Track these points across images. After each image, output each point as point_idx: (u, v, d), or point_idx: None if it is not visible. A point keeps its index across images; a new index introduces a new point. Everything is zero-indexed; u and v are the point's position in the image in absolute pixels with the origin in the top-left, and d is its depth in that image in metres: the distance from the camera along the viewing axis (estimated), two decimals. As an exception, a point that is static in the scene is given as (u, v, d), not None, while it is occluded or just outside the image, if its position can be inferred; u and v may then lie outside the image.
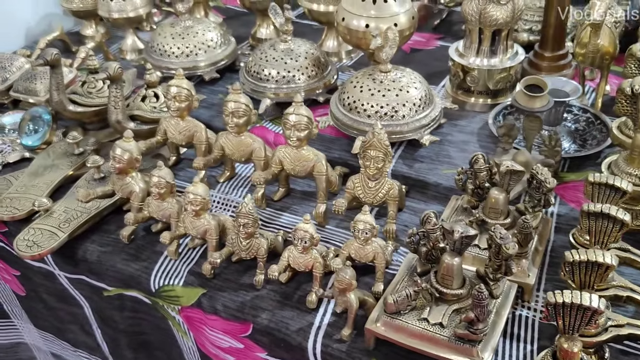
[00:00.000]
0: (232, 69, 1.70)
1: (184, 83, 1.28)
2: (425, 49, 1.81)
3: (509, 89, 1.50)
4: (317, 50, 1.53)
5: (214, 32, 1.65)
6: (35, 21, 1.88)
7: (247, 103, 1.23)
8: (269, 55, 1.50)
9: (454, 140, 1.39)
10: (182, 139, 1.32)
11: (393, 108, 1.31)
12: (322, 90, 1.52)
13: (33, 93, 1.55)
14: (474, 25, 1.43)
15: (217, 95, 1.61)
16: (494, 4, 1.39)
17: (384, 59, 1.33)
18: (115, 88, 1.32)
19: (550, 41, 1.56)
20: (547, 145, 1.18)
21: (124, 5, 1.71)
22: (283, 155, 1.21)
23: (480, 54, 1.46)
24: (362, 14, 1.42)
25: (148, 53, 1.66)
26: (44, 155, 1.41)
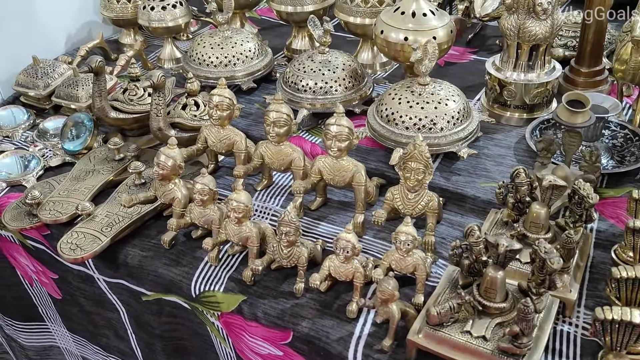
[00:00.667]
0: (269, 79, 1.72)
1: (226, 92, 1.30)
2: (460, 62, 1.81)
3: (545, 103, 1.50)
4: (354, 62, 1.55)
5: (251, 42, 1.68)
6: (75, 29, 1.92)
7: (289, 113, 1.24)
8: (306, 66, 1.52)
9: (490, 154, 1.40)
10: (222, 147, 1.34)
11: (431, 120, 1.32)
12: (358, 101, 1.53)
13: (75, 99, 1.58)
14: (512, 40, 1.44)
15: (254, 105, 1.63)
16: (534, 19, 1.39)
17: (423, 71, 1.34)
18: (157, 96, 1.35)
19: (587, 57, 1.56)
20: (588, 161, 1.18)
21: (163, 15, 1.74)
22: (323, 165, 1.23)
23: (517, 68, 1.46)
24: (400, 27, 1.44)
25: (187, 62, 1.69)
26: (85, 161, 1.43)
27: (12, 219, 1.31)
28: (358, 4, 1.64)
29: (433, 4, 1.93)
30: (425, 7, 1.46)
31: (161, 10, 1.74)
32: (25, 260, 1.43)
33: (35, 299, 1.53)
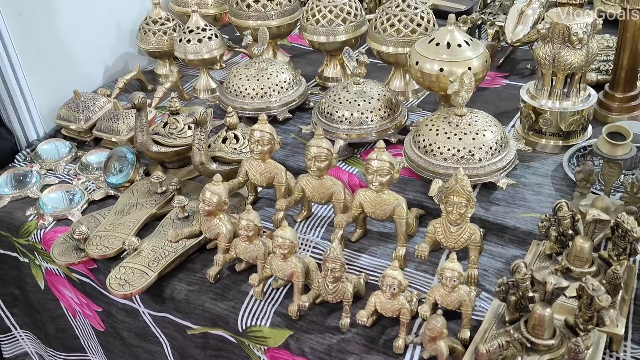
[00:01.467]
0: (303, 109, 1.75)
1: (267, 127, 1.32)
2: (492, 87, 1.83)
3: (580, 130, 1.50)
4: (388, 92, 1.57)
5: (286, 73, 1.71)
6: (112, 61, 1.97)
7: (329, 148, 1.27)
8: (342, 96, 1.55)
9: (528, 183, 1.40)
10: (263, 180, 1.36)
11: (470, 152, 1.33)
12: (393, 131, 1.55)
13: (115, 132, 1.62)
14: (547, 68, 1.45)
15: (290, 135, 1.66)
16: (569, 48, 1.40)
17: (460, 103, 1.35)
18: (200, 131, 1.38)
19: (622, 82, 1.56)
20: (629, 192, 1.18)
21: (199, 47, 1.78)
22: (364, 198, 1.25)
23: (552, 96, 1.47)
24: (435, 57, 1.46)
25: (223, 93, 1.72)
26: (128, 194, 1.47)
27: (60, 253, 1.34)
28: (391, 34, 1.67)
29: (463, 29, 1.97)
30: (460, 37, 1.47)
31: (197, 42, 1.78)
32: (70, 292, 1.46)
33: (77, 330, 1.56)
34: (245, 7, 1.85)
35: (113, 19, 1.95)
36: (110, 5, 1.92)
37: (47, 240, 1.41)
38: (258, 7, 1.84)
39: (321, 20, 1.76)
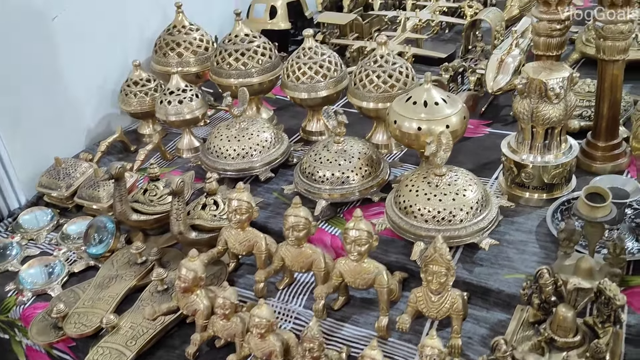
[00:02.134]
0: (286, 165, 1.74)
1: (245, 196, 1.31)
2: (475, 136, 1.82)
3: (564, 183, 1.49)
4: (369, 149, 1.56)
5: (267, 132, 1.70)
6: (95, 123, 1.97)
7: (307, 216, 1.25)
8: (322, 156, 1.53)
9: (512, 240, 1.38)
10: (243, 249, 1.34)
11: (450, 213, 1.31)
12: (376, 189, 1.54)
13: (96, 200, 1.61)
14: (526, 123, 1.44)
15: (272, 194, 1.64)
16: (546, 103, 1.39)
17: (439, 163, 1.34)
18: (177, 201, 1.36)
19: (603, 132, 1.55)
20: (612, 253, 1.16)
21: (180, 108, 1.77)
22: (343, 267, 1.22)
23: (533, 149, 1.46)
24: (413, 117, 1.45)
25: (204, 154, 1.71)
26: (108, 266, 1.45)
27: (39, 332, 1.32)
28: (370, 90, 1.66)
29: (445, 77, 1.97)
30: (437, 95, 1.47)
31: (178, 104, 1.77)
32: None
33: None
34: (226, 65, 1.85)
35: (94, 82, 1.95)
36: (91, 67, 1.92)
37: (26, 316, 1.39)
38: (238, 66, 1.84)
39: (301, 77, 1.76)
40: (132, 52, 2.03)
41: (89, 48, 1.89)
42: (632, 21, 1.41)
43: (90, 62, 1.91)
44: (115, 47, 2.00)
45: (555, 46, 1.51)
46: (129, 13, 2.03)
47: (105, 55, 1.97)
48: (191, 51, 1.98)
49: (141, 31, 2.08)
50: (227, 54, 1.84)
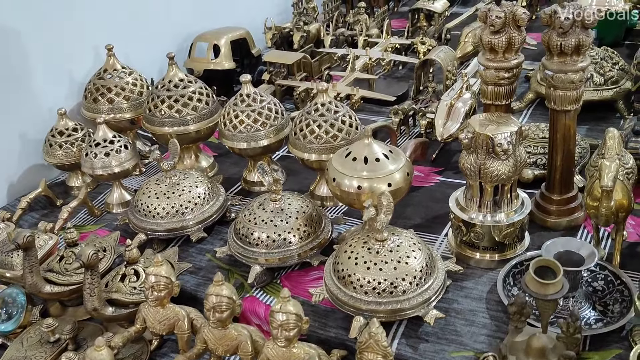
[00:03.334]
0: (222, 222, 1.61)
1: (163, 270, 1.18)
2: (425, 186, 1.71)
3: (517, 241, 1.38)
4: (309, 207, 1.44)
5: (201, 186, 1.57)
6: (18, 175, 1.82)
7: (230, 295, 1.12)
8: (257, 216, 1.41)
9: (460, 310, 1.27)
10: (163, 329, 1.21)
11: (392, 284, 1.20)
12: (316, 251, 1.42)
13: (9, 267, 1.45)
14: (473, 179, 1.34)
15: (205, 256, 1.51)
16: (494, 158, 1.29)
17: (379, 228, 1.22)
18: (90, 275, 1.23)
19: (558, 184, 1.46)
20: (566, 332, 1.06)
21: (108, 161, 1.64)
22: (271, 353, 1.10)
23: (482, 207, 1.35)
24: (353, 174, 1.34)
25: (132, 211, 1.57)
26: (17, 345, 1.30)
27: None
28: (311, 141, 1.55)
29: (395, 120, 1.87)
30: (379, 150, 1.36)
31: (104, 156, 1.64)
32: None
33: None
34: (159, 113, 1.72)
35: (17, 130, 1.81)
36: (15, 114, 1.78)
37: None
38: (172, 113, 1.71)
39: (239, 126, 1.64)
40: (61, 98, 1.89)
41: (12, 93, 1.75)
42: (583, 70, 1.33)
43: (15, 108, 1.77)
44: (42, 93, 1.86)
45: (504, 95, 1.42)
46: (57, 55, 1.89)
47: (31, 102, 1.82)
48: (123, 96, 1.84)
49: (71, 75, 1.95)
50: (160, 101, 1.72)
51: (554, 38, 1.30)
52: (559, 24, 1.28)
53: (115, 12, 2.05)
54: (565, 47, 1.30)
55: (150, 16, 2.19)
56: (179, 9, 2.31)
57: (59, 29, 1.89)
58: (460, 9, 3.02)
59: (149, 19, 2.18)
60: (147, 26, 2.17)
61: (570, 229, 1.47)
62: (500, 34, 1.35)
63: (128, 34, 2.07)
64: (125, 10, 2.09)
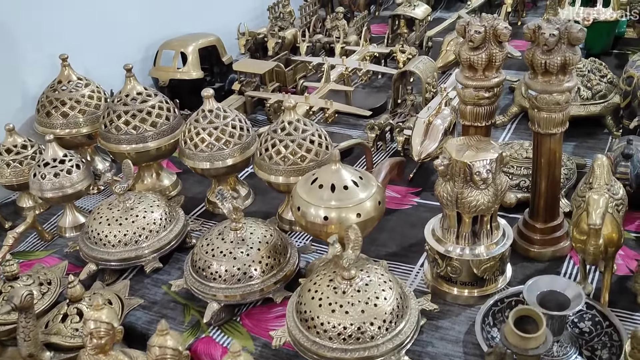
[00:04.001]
0: (183, 248, 1.49)
1: (104, 315, 1.05)
2: (401, 209, 1.60)
3: (498, 275, 1.28)
4: (274, 235, 1.33)
5: (158, 211, 1.45)
6: (-38, 197, 1.69)
7: (176, 347, 1.00)
8: (216, 247, 1.29)
9: (435, 355, 1.16)
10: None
11: (359, 329, 1.08)
12: (280, 285, 1.30)
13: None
14: (450, 209, 1.22)
15: (161, 289, 1.39)
16: (472, 188, 1.18)
17: (346, 266, 1.11)
18: (25, 318, 1.10)
19: (542, 212, 1.35)
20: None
21: (58, 182, 1.51)
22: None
23: (460, 239, 1.24)
24: (319, 204, 1.22)
25: (82, 239, 1.45)
26: (-56, 394, 1.17)
27: None
28: (277, 162, 1.43)
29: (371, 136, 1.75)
30: (347, 177, 1.24)
31: (54, 177, 1.51)
32: None
33: None
34: (115, 130, 1.59)
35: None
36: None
37: None
38: (129, 130, 1.58)
39: (200, 145, 1.52)
40: (11, 112, 1.76)
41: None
42: (569, 90, 1.22)
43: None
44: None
45: (484, 116, 1.30)
46: (7, 65, 1.76)
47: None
48: (79, 110, 1.71)
49: (24, 87, 1.81)
50: (116, 116, 1.59)
51: (538, 56, 1.19)
52: (543, 40, 1.17)
53: (74, 18, 1.92)
54: (550, 65, 1.19)
55: (113, 22, 2.05)
56: (144, 14, 2.17)
57: (9, 36, 1.75)
58: (443, 14, 2.91)
59: (111, 25, 2.04)
60: (109, 33, 2.03)
61: (556, 259, 1.36)
62: (480, 50, 1.24)
63: (88, 41, 1.95)
64: (85, 15, 1.96)
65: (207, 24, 2.34)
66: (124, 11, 2.10)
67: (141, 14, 2.17)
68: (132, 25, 2.15)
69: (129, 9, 2.12)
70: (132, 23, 2.14)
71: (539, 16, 2.75)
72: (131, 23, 2.14)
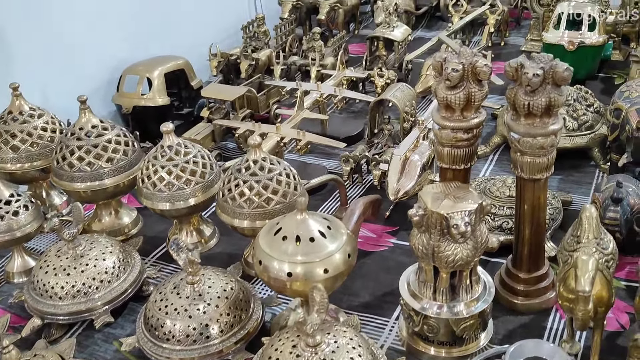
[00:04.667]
0: (139, 297, 1.37)
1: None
2: (376, 251, 1.49)
3: (479, 332, 1.17)
4: (234, 288, 1.22)
5: (110, 258, 1.33)
6: None
7: None
8: (170, 304, 1.18)
9: None
10: None
11: (322, 404, 0.97)
12: (242, 344, 1.19)
13: None
14: (427, 262, 1.12)
15: (112, 345, 1.27)
16: (450, 241, 1.08)
17: (310, 332, 1.00)
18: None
19: (526, 260, 1.25)
20: None
21: (3, 225, 1.39)
22: None
23: (437, 295, 1.14)
24: (283, 258, 1.10)
25: (28, 289, 1.32)
26: None
27: None
28: (241, 205, 1.32)
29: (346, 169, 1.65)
30: (314, 227, 1.13)
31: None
32: None
33: None
34: (67, 166, 1.47)
35: None
36: None
37: None
38: (82, 167, 1.47)
39: (158, 184, 1.41)
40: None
41: None
42: (554, 133, 1.12)
43: None
44: None
45: (462, 159, 1.20)
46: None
47: None
48: (31, 143, 1.59)
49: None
50: (69, 152, 1.47)
51: (520, 96, 1.09)
52: (526, 81, 1.07)
53: (28, 40, 1.80)
54: (534, 107, 1.09)
55: (73, 44, 1.94)
56: (109, 35, 2.05)
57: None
58: (424, 33, 2.83)
59: (70, 47, 1.93)
60: (68, 56, 1.92)
61: (541, 311, 1.26)
62: (458, 90, 1.14)
63: (45, 67, 1.82)
64: (41, 38, 1.83)
65: (177, 44, 2.24)
66: (85, 32, 1.98)
67: (106, 35, 2.06)
68: (96, 46, 2.03)
69: (92, 30, 2.00)
70: (96, 44, 2.03)
71: (522, 36, 2.67)
72: (94, 44, 2.02)
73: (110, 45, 2.07)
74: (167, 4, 2.28)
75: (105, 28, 2.04)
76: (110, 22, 2.05)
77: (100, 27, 2.02)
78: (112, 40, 2.07)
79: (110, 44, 2.07)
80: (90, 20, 1.98)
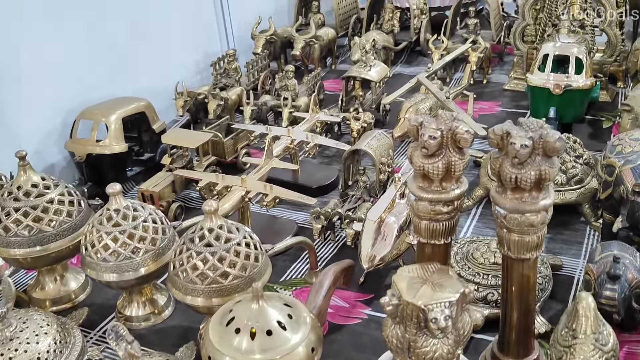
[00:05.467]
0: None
1: None
2: (348, 324, 1.35)
3: None
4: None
5: (46, 340, 1.16)
6: None
7: None
8: (107, 402, 1.02)
9: None
10: None
11: None
12: None
13: None
14: (402, 357, 0.97)
15: None
16: (428, 335, 0.93)
17: None
18: None
19: (514, 345, 1.11)
20: None
21: None
22: None
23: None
24: (235, 355, 0.96)
25: (-51, 377, 1.16)
26: None
27: None
28: (193, 280, 1.17)
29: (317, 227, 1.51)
30: (273, 316, 0.98)
31: None
32: None
33: None
34: (3, 230, 1.31)
35: None
36: None
37: None
38: (20, 231, 1.31)
39: (103, 253, 1.25)
40: None
41: None
42: (545, 209, 0.99)
43: None
44: None
45: (442, 233, 1.06)
46: None
47: None
48: (-35, 202, 1.43)
49: None
50: (5, 214, 1.32)
51: (506, 169, 0.96)
52: (513, 152, 0.94)
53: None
54: (522, 181, 0.96)
55: (23, 87, 1.78)
56: (65, 74, 1.90)
57: None
58: (403, 69, 2.71)
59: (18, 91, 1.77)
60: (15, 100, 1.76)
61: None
62: (436, 158, 1.00)
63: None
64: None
65: (142, 80, 2.10)
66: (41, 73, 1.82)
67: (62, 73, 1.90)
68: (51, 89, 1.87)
69: (47, 67, 1.83)
70: (50, 87, 1.87)
71: (505, 73, 2.57)
72: (49, 87, 1.86)
73: (69, 84, 1.91)
74: (133, 38, 2.14)
75: (63, 65, 1.89)
76: (69, 59, 1.90)
77: (57, 64, 1.87)
78: (70, 79, 1.91)
79: (68, 83, 1.91)
80: (43, 57, 1.83)
